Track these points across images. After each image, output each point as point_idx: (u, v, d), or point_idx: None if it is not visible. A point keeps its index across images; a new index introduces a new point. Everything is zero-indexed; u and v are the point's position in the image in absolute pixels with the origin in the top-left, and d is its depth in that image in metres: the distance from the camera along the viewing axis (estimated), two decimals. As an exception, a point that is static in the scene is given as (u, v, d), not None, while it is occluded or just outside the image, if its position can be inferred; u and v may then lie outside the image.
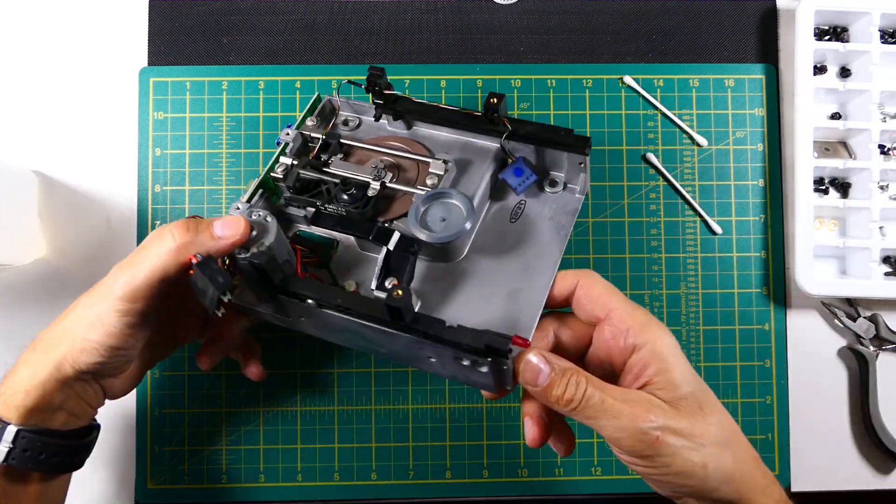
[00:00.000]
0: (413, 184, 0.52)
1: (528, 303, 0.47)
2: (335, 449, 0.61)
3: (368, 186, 0.51)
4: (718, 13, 0.65)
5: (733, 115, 0.64)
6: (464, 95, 0.63)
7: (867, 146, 0.61)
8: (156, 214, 0.62)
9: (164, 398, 0.61)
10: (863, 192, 0.61)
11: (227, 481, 0.61)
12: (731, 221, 0.63)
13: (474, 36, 0.64)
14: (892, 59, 0.62)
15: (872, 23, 0.61)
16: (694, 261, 0.63)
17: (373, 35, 0.64)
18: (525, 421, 0.46)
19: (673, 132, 0.63)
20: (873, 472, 0.62)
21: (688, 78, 0.64)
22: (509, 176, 0.52)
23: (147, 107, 0.63)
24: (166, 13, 0.64)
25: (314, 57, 0.64)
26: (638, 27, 0.64)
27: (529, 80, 0.64)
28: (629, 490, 0.61)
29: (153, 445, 0.61)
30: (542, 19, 0.64)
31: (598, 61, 0.64)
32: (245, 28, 0.64)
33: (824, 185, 0.63)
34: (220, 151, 0.62)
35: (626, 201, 0.63)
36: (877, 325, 0.61)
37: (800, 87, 0.61)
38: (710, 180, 0.63)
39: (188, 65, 0.63)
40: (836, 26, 0.63)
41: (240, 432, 0.61)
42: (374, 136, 0.56)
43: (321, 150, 0.53)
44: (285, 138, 0.53)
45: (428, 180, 0.51)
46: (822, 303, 0.62)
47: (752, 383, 0.62)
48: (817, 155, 0.62)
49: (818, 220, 0.63)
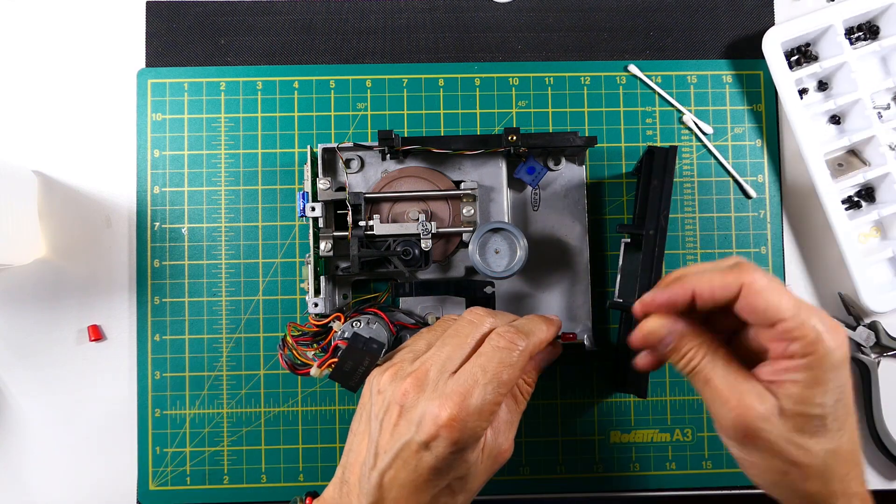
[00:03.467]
0: (449, 218, 0.57)
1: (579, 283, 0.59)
2: (337, 449, 0.61)
3: (419, 241, 0.54)
4: (716, 9, 0.65)
5: (731, 111, 0.64)
6: (462, 94, 0.63)
7: (878, 150, 0.61)
8: (155, 216, 0.62)
9: (165, 399, 0.61)
10: (891, 194, 0.61)
11: (229, 482, 0.61)
12: (730, 217, 0.63)
13: (472, 34, 0.64)
14: (867, 59, 0.62)
15: (838, 33, 0.61)
16: (693, 258, 0.63)
17: (370, 34, 0.64)
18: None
19: (672, 128, 0.63)
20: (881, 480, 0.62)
21: (686, 74, 0.64)
22: (523, 174, 0.58)
23: (145, 108, 0.63)
24: (163, 14, 0.64)
25: (312, 57, 0.64)
26: (636, 24, 0.65)
27: (527, 78, 0.64)
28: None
29: (154, 446, 0.61)
30: (539, 17, 0.64)
31: (596, 58, 0.64)
32: (242, 29, 0.64)
33: (851, 198, 0.63)
34: (218, 152, 0.63)
35: (624, 199, 0.63)
36: (877, 333, 0.61)
37: (794, 121, 0.61)
38: (710, 176, 0.63)
39: (186, 66, 0.63)
40: (799, 46, 0.64)
41: (241, 433, 0.61)
42: (386, 175, 0.58)
43: (352, 211, 0.56)
44: (312, 214, 0.55)
45: (464, 209, 0.56)
46: None
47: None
48: (833, 175, 0.62)
49: (861, 235, 0.63)
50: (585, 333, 0.59)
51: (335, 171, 0.58)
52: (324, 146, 0.57)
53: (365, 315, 0.53)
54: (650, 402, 0.62)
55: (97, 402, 0.61)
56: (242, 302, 0.62)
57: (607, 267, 0.62)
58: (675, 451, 0.62)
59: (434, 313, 0.57)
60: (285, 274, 0.62)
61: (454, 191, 0.57)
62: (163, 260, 0.62)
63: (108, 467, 0.61)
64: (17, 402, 0.61)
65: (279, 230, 0.62)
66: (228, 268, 0.62)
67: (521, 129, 0.55)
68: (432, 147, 0.55)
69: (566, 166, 0.60)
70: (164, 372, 0.61)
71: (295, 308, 0.62)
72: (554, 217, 0.60)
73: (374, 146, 0.56)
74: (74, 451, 0.61)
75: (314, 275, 0.56)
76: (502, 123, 0.63)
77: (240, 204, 0.62)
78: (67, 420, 0.61)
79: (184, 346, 0.61)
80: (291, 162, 0.63)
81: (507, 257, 0.54)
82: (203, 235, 0.62)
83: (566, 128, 0.63)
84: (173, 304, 0.61)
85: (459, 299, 0.58)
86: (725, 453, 0.62)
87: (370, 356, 0.48)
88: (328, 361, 0.50)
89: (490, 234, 0.54)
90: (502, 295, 0.59)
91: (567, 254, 0.60)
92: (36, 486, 0.61)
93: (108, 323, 0.61)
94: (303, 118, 0.63)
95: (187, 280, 0.61)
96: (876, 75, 0.63)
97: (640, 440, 0.62)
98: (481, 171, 0.59)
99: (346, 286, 0.60)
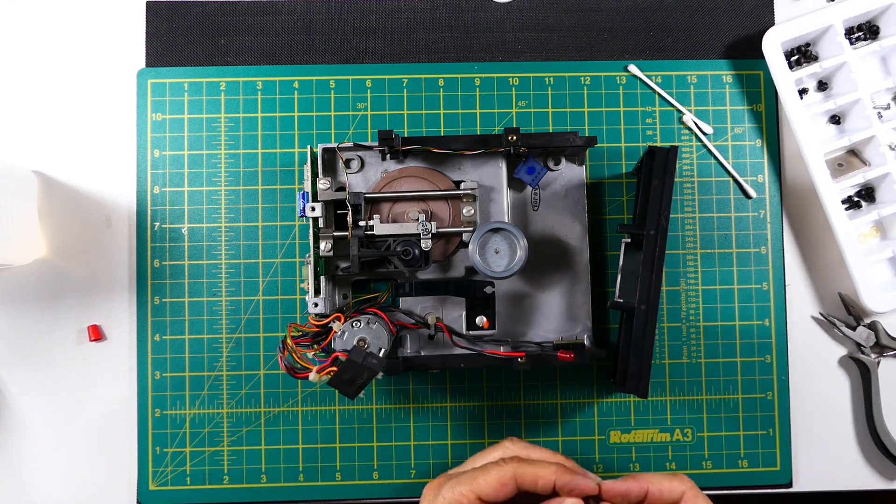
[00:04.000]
0: (449, 218, 0.57)
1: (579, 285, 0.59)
2: (337, 448, 0.61)
3: (419, 241, 0.54)
4: (716, 9, 0.65)
5: (731, 111, 0.64)
6: (462, 94, 0.63)
7: (878, 150, 0.61)
8: (155, 216, 0.62)
9: (165, 399, 0.61)
10: (891, 194, 0.61)
11: (229, 482, 0.61)
12: (730, 217, 0.63)
13: (472, 34, 0.64)
14: (867, 59, 0.62)
15: (838, 33, 0.61)
16: (693, 258, 0.63)
17: (370, 34, 0.64)
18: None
19: (672, 128, 0.63)
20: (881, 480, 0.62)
21: (686, 74, 0.64)
22: (523, 174, 0.58)
23: (145, 108, 0.63)
24: (163, 14, 0.64)
25: (312, 57, 0.64)
26: (636, 24, 0.65)
27: (527, 78, 0.64)
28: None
29: (154, 446, 0.61)
30: (539, 17, 0.64)
31: (596, 58, 0.64)
32: (242, 29, 0.64)
33: (851, 198, 0.63)
34: (218, 152, 0.63)
35: (624, 199, 0.63)
36: (876, 333, 0.61)
37: (794, 121, 0.61)
38: (710, 176, 0.63)
39: (186, 66, 0.63)
40: (799, 46, 0.64)
41: (241, 433, 0.61)
42: (386, 175, 0.58)
43: (352, 211, 0.56)
44: (312, 214, 0.55)
45: (464, 209, 0.56)
46: (820, 313, 0.63)
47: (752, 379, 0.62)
48: (833, 175, 0.62)
49: (861, 235, 0.63)
50: (585, 333, 0.59)
51: (335, 171, 0.58)
52: (324, 146, 0.57)
53: (365, 315, 0.53)
54: (650, 402, 0.62)
55: (97, 402, 0.61)
56: (242, 302, 0.62)
57: (607, 267, 0.62)
58: (675, 451, 0.62)
59: (434, 313, 0.57)
60: (285, 274, 0.62)
61: (454, 191, 0.57)
62: (163, 260, 0.62)
63: (108, 467, 0.61)
64: (17, 402, 0.61)
65: (279, 230, 0.62)
66: (228, 268, 0.62)
67: (521, 129, 0.55)
68: (432, 147, 0.55)
69: (566, 166, 0.60)
70: (164, 372, 0.61)
71: (295, 308, 0.62)
72: (554, 217, 0.60)
73: (374, 146, 0.56)
74: (74, 451, 0.61)
75: (314, 275, 0.56)
76: (502, 123, 0.63)
77: (240, 204, 0.62)
78: (67, 420, 0.61)
79: (184, 346, 0.61)
80: (291, 162, 0.63)
81: (507, 257, 0.54)
82: (203, 235, 0.62)
83: (566, 128, 0.63)
84: (173, 304, 0.61)
85: (459, 299, 0.58)
86: (725, 453, 0.62)
87: (369, 371, 0.49)
88: (327, 369, 0.50)
89: (490, 234, 0.54)
90: (502, 295, 0.59)
91: (567, 254, 0.60)
92: (36, 486, 0.61)
93: (108, 323, 0.61)
94: (303, 118, 0.63)
95: (187, 280, 0.61)
96: (876, 75, 0.63)
97: (640, 440, 0.62)
98: (481, 171, 0.59)
99: (346, 286, 0.60)
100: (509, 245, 0.54)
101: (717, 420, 0.62)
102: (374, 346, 0.52)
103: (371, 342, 0.52)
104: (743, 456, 0.62)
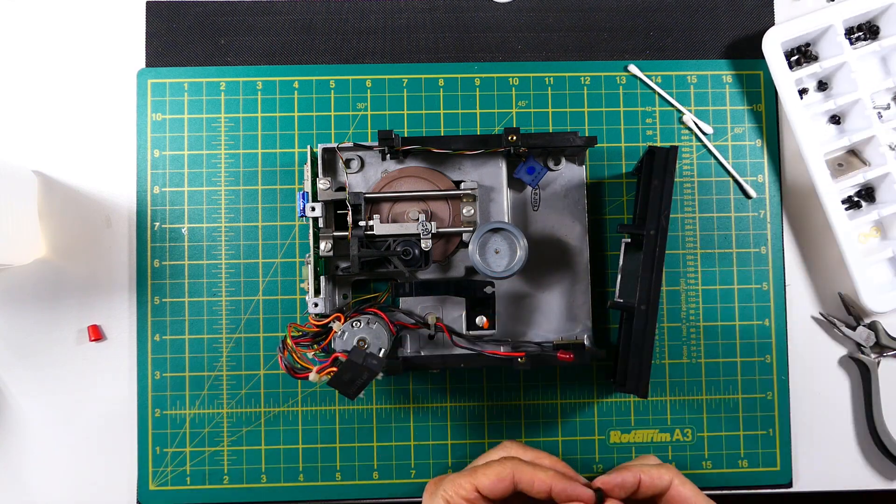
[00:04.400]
0: (449, 218, 0.57)
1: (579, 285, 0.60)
2: (337, 448, 0.61)
3: (419, 241, 0.54)
4: (716, 9, 0.65)
5: (731, 111, 0.64)
6: (462, 94, 0.63)
7: (878, 150, 0.61)
8: (155, 216, 0.62)
9: (165, 399, 0.61)
10: (891, 194, 0.61)
11: (229, 482, 0.61)
12: (730, 217, 0.63)
13: (472, 34, 0.64)
14: (867, 59, 0.62)
15: (838, 33, 0.61)
16: (693, 258, 0.63)
17: (370, 34, 0.64)
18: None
19: (672, 128, 0.63)
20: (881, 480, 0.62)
21: (686, 74, 0.64)
22: (523, 174, 0.58)
23: (145, 108, 0.63)
24: (163, 14, 0.64)
25: (312, 57, 0.64)
26: (636, 24, 0.65)
27: (527, 78, 0.64)
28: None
29: (154, 446, 0.61)
30: (539, 17, 0.64)
31: (596, 58, 0.64)
32: (242, 29, 0.64)
33: (851, 198, 0.63)
34: (218, 152, 0.63)
35: (624, 199, 0.63)
36: (876, 333, 0.61)
37: (794, 121, 0.61)
38: (710, 176, 0.63)
39: (186, 66, 0.63)
40: (799, 46, 0.63)
41: (241, 433, 0.61)
42: (386, 175, 0.58)
43: (352, 211, 0.56)
44: (312, 214, 0.55)
45: (464, 209, 0.56)
46: (820, 313, 0.63)
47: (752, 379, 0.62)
48: (833, 175, 0.61)
49: (861, 235, 0.63)
50: (585, 333, 0.59)
51: (335, 171, 0.58)
52: (324, 146, 0.57)
53: (365, 315, 0.53)
54: (650, 402, 0.62)
55: (97, 402, 0.61)
56: (242, 302, 0.62)
57: (607, 267, 0.62)
58: (675, 451, 0.62)
59: (434, 313, 0.57)
60: (285, 274, 0.62)
61: (454, 191, 0.57)
62: (163, 260, 0.62)
63: (108, 467, 0.61)
64: (17, 402, 0.61)
65: (279, 230, 0.62)
66: (228, 268, 0.62)
67: (521, 129, 0.55)
68: (432, 147, 0.55)
69: (566, 166, 0.60)
70: (164, 372, 0.61)
71: (295, 308, 0.62)
72: (554, 217, 0.60)
73: (374, 146, 0.56)
74: (74, 451, 0.61)
75: (314, 275, 0.56)
76: (502, 123, 0.63)
77: (240, 204, 0.62)
78: (67, 420, 0.61)
79: (184, 346, 0.61)
80: (291, 162, 0.63)
81: (507, 257, 0.54)
82: (203, 235, 0.62)
83: (566, 128, 0.63)
84: (173, 304, 0.61)
85: (459, 299, 0.58)
86: (725, 453, 0.62)
87: (369, 372, 0.50)
88: (327, 369, 0.50)
89: (490, 234, 0.54)
90: (502, 295, 0.59)
91: (567, 254, 0.60)
92: (36, 486, 0.61)
93: (108, 323, 0.61)
94: (303, 118, 0.63)
95: (187, 280, 0.61)
96: (876, 75, 0.63)
97: (640, 440, 0.62)
98: (481, 171, 0.59)
99: (346, 286, 0.60)
100: (509, 245, 0.54)
101: (717, 420, 0.62)
102: (374, 346, 0.52)
103: (371, 342, 0.52)
104: (743, 456, 0.62)
